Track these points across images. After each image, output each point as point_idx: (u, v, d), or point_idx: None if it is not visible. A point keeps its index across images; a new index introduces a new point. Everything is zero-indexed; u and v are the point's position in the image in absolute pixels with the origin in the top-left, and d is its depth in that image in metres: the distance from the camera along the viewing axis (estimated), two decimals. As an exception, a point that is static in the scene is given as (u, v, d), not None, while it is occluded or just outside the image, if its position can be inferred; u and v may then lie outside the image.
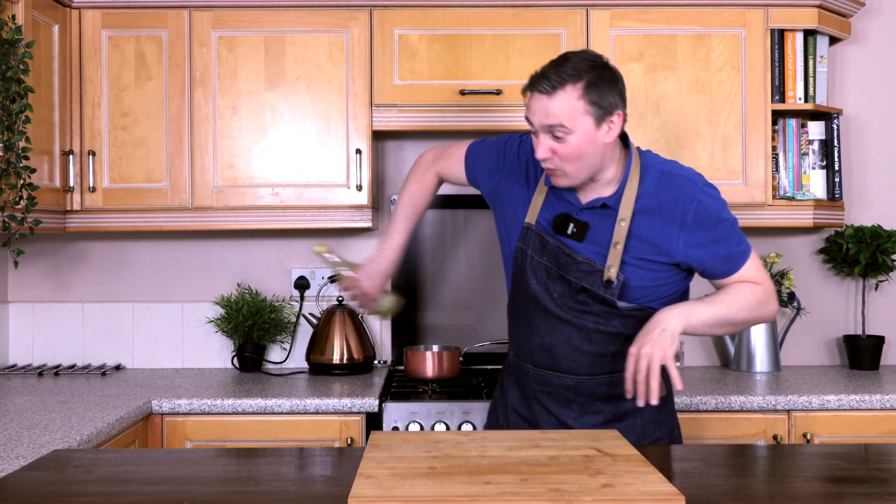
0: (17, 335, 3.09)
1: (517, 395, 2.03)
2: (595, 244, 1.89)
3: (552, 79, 1.79)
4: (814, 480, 1.48)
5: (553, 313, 1.92)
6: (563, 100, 1.78)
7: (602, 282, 1.86)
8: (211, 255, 3.11)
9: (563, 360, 1.93)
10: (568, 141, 1.80)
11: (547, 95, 1.79)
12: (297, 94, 2.76)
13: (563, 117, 1.78)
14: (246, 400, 2.47)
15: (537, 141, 1.83)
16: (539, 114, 1.80)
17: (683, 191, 1.88)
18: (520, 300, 1.98)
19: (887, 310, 3.14)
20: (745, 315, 1.87)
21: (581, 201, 1.91)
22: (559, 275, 1.90)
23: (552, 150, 1.81)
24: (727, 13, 2.78)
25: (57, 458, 1.62)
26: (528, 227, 1.95)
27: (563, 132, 1.79)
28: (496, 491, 1.26)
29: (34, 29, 2.52)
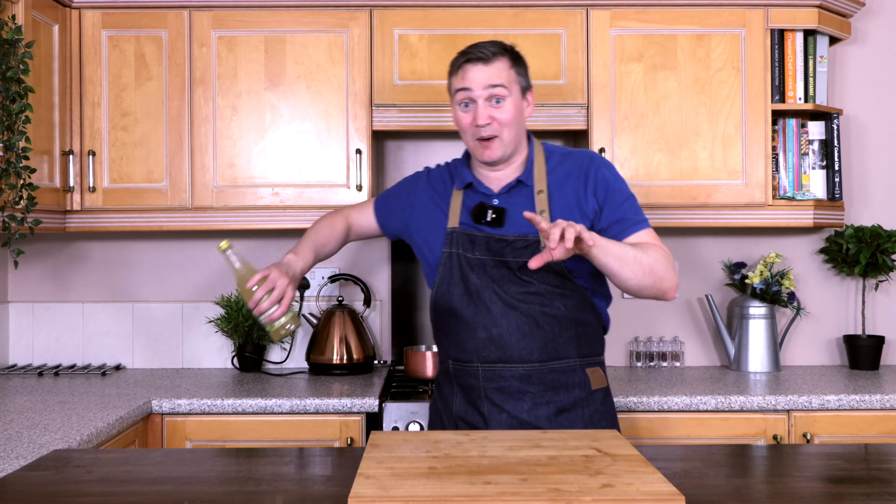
0: (17, 335, 3.09)
1: (462, 402, 2.02)
2: (519, 224, 1.96)
3: (486, 49, 1.96)
4: (814, 480, 1.48)
5: (499, 302, 1.95)
6: (499, 66, 1.96)
7: (540, 249, 1.91)
8: (211, 255, 3.11)
9: (515, 349, 1.95)
10: (505, 105, 1.95)
11: (485, 63, 1.94)
12: (297, 94, 2.76)
13: (503, 79, 1.95)
14: (246, 400, 2.47)
15: (472, 111, 1.95)
16: (479, 80, 1.94)
17: (584, 159, 2.04)
18: (455, 302, 1.99)
19: (887, 310, 3.14)
20: (651, 261, 1.87)
21: (494, 190, 2.02)
22: (497, 262, 1.96)
23: (491, 117, 1.94)
24: (727, 13, 2.78)
25: (57, 458, 1.62)
26: (453, 230, 2.02)
27: (503, 93, 1.95)
28: (496, 491, 1.26)
29: (34, 29, 2.52)
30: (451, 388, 2.05)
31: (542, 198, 1.98)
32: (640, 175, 2.77)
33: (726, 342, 2.97)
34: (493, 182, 2.03)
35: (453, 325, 2.01)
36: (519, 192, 2.01)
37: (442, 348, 2.08)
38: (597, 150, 2.76)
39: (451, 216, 2.03)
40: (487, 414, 1.97)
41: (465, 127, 1.99)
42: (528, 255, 1.92)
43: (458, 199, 2.04)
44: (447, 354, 2.06)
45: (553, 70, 2.76)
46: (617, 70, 2.77)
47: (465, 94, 1.96)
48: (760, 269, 2.92)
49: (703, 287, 3.12)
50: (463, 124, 1.99)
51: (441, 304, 2.02)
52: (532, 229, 1.94)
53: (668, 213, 2.78)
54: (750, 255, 3.11)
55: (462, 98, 1.97)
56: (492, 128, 1.95)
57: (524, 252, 1.94)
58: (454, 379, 2.03)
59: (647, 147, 2.77)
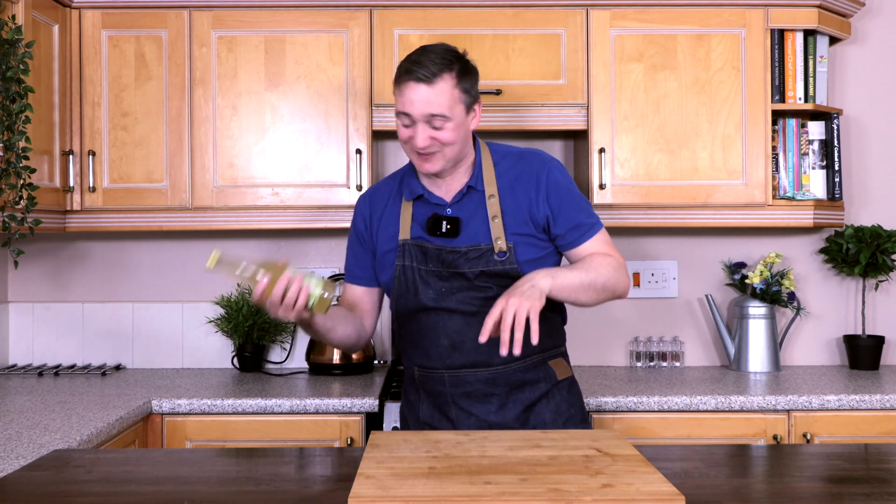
0: (17, 335, 3.09)
1: (429, 408, 2.01)
2: (472, 233, 1.95)
3: (430, 67, 1.84)
4: (814, 480, 1.48)
5: (458, 310, 1.94)
6: (442, 88, 1.85)
7: (495, 256, 1.92)
8: (211, 254, 3.10)
9: (478, 355, 1.94)
10: (446, 128, 1.87)
11: (427, 84, 1.84)
12: (297, 94, 2.76)
13: (444, 106, 1.85)
14: (246, 400, 2.47)
15: (411, 131, 1.88)
16: (420, 104, 1.85)
17: (534, 161, 1.99)
18: (415, 312, 1.97)
19: (887, 310, 3.14)
20: (604, 280, 1.90)
21: (446, 199, 1.98)
22: (451, 273, 1.93)
23: (432, 138, 1.87)
24: (727, 13, 2.78)
25: (57, 458, 1.62)
26: (404, 242, 1.97)
27: (442, 121, 1.86)
28: (496, 491, 1.26)
29: (34, 29, 2.52)
30: (417, 394, 2.04)
31: (493, 202, 1.95)
32: (640, 175, 2.77)
33: (726, 342, 2.97)
34: (444, 190, 1.99)
35: (415, 333, 1.99)
36: (471, 199, 1.97)
37: (406, 355, 2.06)
38: (597, 150, 2.76)
39: (402, 228, 1.99)
40: (455, 419, 1.97)
41: (403, 140, 1.92)
42: (482, 265, 1.92)
43: (409, 210, 2.00)
44: (411, 361, 2.03)
45: (553, 70, 2.76)
46: (617, 70, 2.77)
47: (407, 118, 1.88)
48: (760, 269, 2.92)
49: (703, 287, 3.12)
50: (401, 137, 1.92)
51: (402, 315, 2.00)
52: (485, 238, 1.93)
53: (668, 213, 2.78)
54: (750, 255, 3.11)
55: (405, 120, 1.89)
56: (433, 146, 1.89)
57: (478, 262, 1.92)
58: (420, 385, 2.02)
59: (647, 147, 2.77)
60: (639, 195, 2.77)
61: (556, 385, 2.02)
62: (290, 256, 3.11)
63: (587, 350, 3.08)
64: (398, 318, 2.03)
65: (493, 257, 1.92)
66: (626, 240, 3.10)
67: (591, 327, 3.07)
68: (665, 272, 3.11)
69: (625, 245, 3.10)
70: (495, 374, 1.96)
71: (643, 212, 2.78)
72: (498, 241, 1.93)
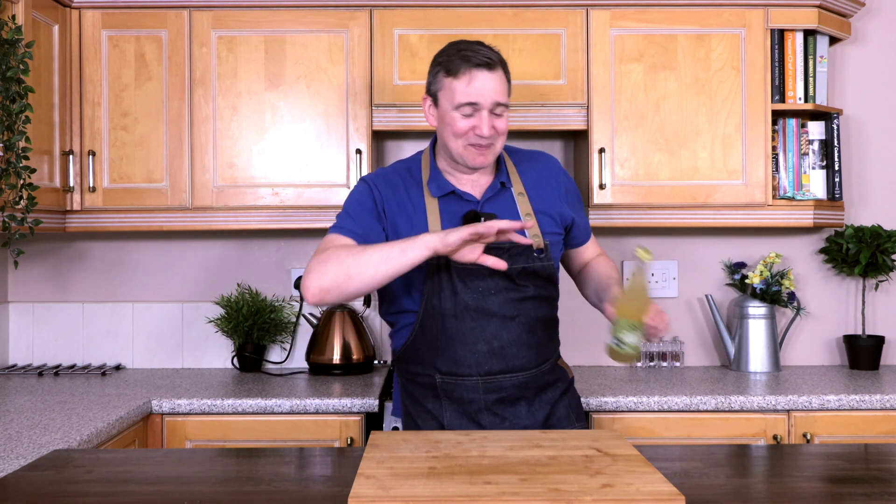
0: (17, 335, 3.09)
1: (455, 415, 1.94)
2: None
3: (489, 54, 1.88)
4: (814, 480, 1.48)
5: (497, 314, 1.91)
6: (501, 76, 1.90)
7: (534, 254, 1.93)
8: (211, 255, 3.11)
9: (516, 359, 1.93)
10: (503, 117, 1.91)
11: (491, 71, 1.87)
12: (297, 94, 2.76)
13: (505, 94, 1.91)
14: (246, 400, 2.47)
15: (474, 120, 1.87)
16: (489, 91, 1.86)
17: (551, 164, 2.07)
18: (451, 315, 1.90)
19: (887, 310, 3.14)
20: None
21: (476, 196, 1.96)
22: (491, 271, 1.87)
23: (493, 127, 1.89)
24: (727, 13, 2.78)
25: (57, 458, 1.62)
26: None
27: (502, 109, 1.90)
28: (496, 491, 1.26)
29: (34, 29, 2.52)
30: (438, 403, 1.95)
31: (523, 200, 1.97)
32: (640, 175, 2.77)
33: (726, 342, 2.97)
34: (470, 187, 1.97)
35: (444, 338, 1.92)
36: (500, 196, 1.97)
37: (420, 363, 1.97)
38: (597, 150, 2.76)
39: (430, 226, 1.91)
40: (489, 425, 1.92)
41: (461, 132, 1.89)
42: (523, 261, 1.92)
43: (434, 206, 1.94)
44: (432, 368, 1.94)
45: (553, 70, 2.76)
46: (617, 70, 2.77)
47: (470, 107, 1.87)
48: (760, 269, 2.92)
49: (703, 287, 3.12)
50: (458, 129, 1.89)
51: (432, 320, 1.92)
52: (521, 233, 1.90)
53: (668, 213, 2.78)
54: (750, 255, 3.11)
55: (467, 110, 1.87)
56: (493, 137, 1.90)
57: (519, 258, 1.92)
58: (443, 393, 1.95)
59: (647, 147, 2.77)
60: (639, 195, 2.77)
61: (569, 385, 2.07)
62: (290, 256, 3.11)
63: (587, 350, 3.08)
64: (423, 323, 1.93)
65: (532, 254, 1.93)
66: (626, 240, 3.10)
67: (591, 327, 3.07)
68: (665, 272, 3.11)
69: (625, 245, 3.10)
70: (527, 377, 1.95)
71: (643, 212, 2.78)
72: (535, 238, 1.93)
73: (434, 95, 1.95)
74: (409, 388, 2.02)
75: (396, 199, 1.97)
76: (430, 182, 1.97)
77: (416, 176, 2.01)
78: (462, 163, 1.94)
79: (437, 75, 1.93)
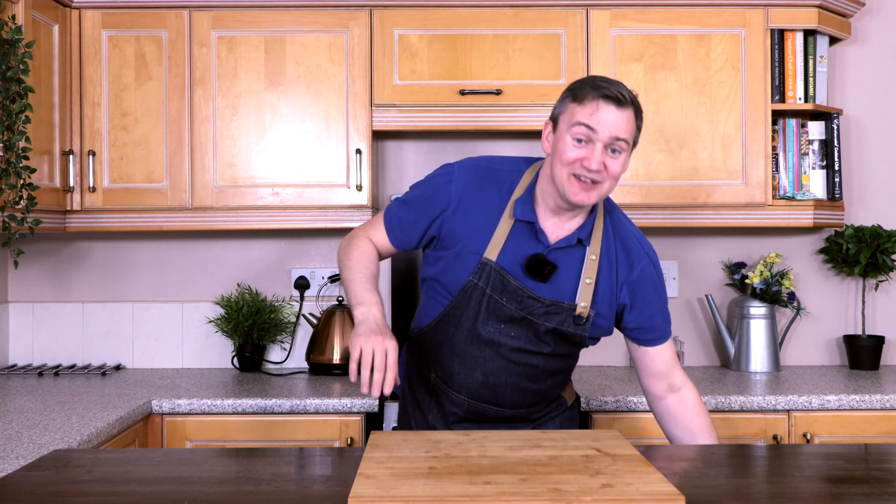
0: (17, 335, 3.09)
1: (438, 417, 1.95)
2: (558, 287, 1.85)
3: (623, 91, 1.76)
4: (814, 480, 1.48)
5: (505, 357, 1.87)
6: (629, 117, 1.77)
7: (573, 319, 1.84)
8: (211, 255, 3.11)
9: (506, 398, 1.91)
10: (621, 158, 1.78)
11: (619, 108, 1.75)
12: (297, 94, 2.76)
13: (629, 133, 1.77)
14: (246, 400, 2.47)
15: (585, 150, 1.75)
16: (610, 125, 1.74)
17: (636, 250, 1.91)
18: (462, 335, 1.87)
19: (887, 310, 3.14)
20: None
21: (550, 240, 1.85)
22: (522, 317, 1.84)
23: (604, 164, 1.76)
24: (727, 13, 2.78)
25: (57, 458, 1.62)
26: (486, 262, 1.83)
27: (621, 148, 1.77)
28: (496, 491, 1.26)
29: (34, 29, 2.52)
30: (429, 399, 1.96)
31: (592, 265, 1.85)
32: (640, 175, 2.77)
33: (726, 342, 2.97)
34: (552, 227, 1.86)
35: (448, 350, 1.89)
36: (573, 251, 1.85)
37: (422, 357, 1.95)
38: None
39: (492, 244, 1.83)
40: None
41: (569, 161, 1.76)
42: (557, 322, 1.83)
43: (507, 227, 1.83)
44: (430, 367, 1.94)
45: (553, 70, 2.76)
46: (617, 70, 2.77)
47: (587, 132, 1.75)
48: (760, 269, 2.92)
49: (703, 287, 3.12)
50: (567, 157, 1.76)
51: (445, 330, 1.88)
52: (567, 296, 1.83)
53: (668, 213, 2.78)
54: (750, 255, 3.11)
55: (581, 134, 1.75)
56: (600, 174, 1.76)
57: (554, 318, 1.84)
58: (433, 391, 1.95)
59: (647, 147, 2.77)
60: (639, 195, 2.77)
61: (567, 409, 2.04)
62: (290, 257, 3.11)
63: (587, 350, 3.07)
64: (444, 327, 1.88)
65: (570, 318, 1.84)
66: (626, 240, 3.10)
67: (591, 327, 3.07)
68: (665, 272, 3.11)
69: (625, 245, 3.10)
70: (515, 414, 1.94)
71: (643, 212, 2.78)
72: (582, 304, 1.84)
73: (555, 120, 1.83)
74: (411, 375, 2.03)
75: (478, 200, 1.87)
76: (518, 202, 1.85)
77: (511, 188, 1.88)
78: (562, 196, 1.79)
79: (564, 100, 1.82)
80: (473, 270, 1.83)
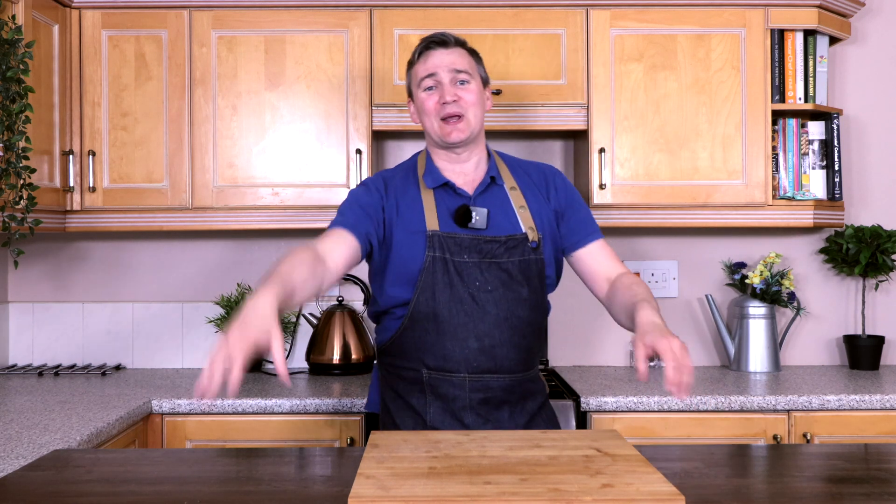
0: (17, 335, 3.09)
1: (439, 412, 1.93)
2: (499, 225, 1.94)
3: (448, 37, 1.98)
4: (814, 480, 1.48)
5: (494, 310, 1.90)
6: (461, 52, 1.98)
7: (529, 247, 1.93)
8: (211, 255, 3.11)
9: (504, 360, 1.92)
10: (470, 86, 1.95)
11: (446, 48, 1.96)
12: (297, 94, 2.76)
13: (466, 65, 1.96)
14: (246, 400, 2.47)
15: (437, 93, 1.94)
16: (444, 64, 1.94)
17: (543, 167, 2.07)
18: (442, 309, 1.89)
19: (887, 310, 3.14)
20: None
21: (468, 191, 1.97)
22: (489, 264, 1.91)
23: (457, 95, 1.93)
24: (727, 13, 2.78)
25: (57, 458, 1.62)
26: (433, 233, 1.90)
27: (467, 76, 1.95)
28: (496, 491, 1.26)
29: (34, 29, 2.52)
30: (423, 398, 1.94)
31: (516, 194, 1.98)
32: (640, 175, 2.77)
33: (726, 342, 2.97)
34: (463, 181, 1.99)
35: (435, 333, 1.91)
36: (492, 192, 1.98)
37: (407, 357, 1.95)
38: (597, 150, 2.76)
39: (427, 217, 1.92)
40: (472, 425, 1.91)
41: (430, 109, 1.95)
42: (519, 254, 1.92)
43: (430, 199, 1.95)
44: (418, 363, 1.93)
45: (553, 70, 2.76)
46: (617, 70, 2.77)
47: (431, 80, 1.95)
48: (760, 269, 2.92)
49: (703, 287, 3.12)
50: (427, 107, 1.96)
51: (424, 312, 1.90)
52: (517, 229, 1.94)
53: (668, 213, 2.78)
54: (750, 255, 3.11)
55: (428, 83, 1.95)
56: (458, 105, 1.93)
57: (515, 251, 1.92)
58: (429, 388, 1.93)
59: (647, 147, 2.77)
60: (639, 195, 2.77)
61: (547, 398, 2.05)
62: (290, 256, 3.11)
63: (587, 350, 3.08)
64: (414, 315, 1.91)
65: (527, 248, 1.93)
66: (626, 240, 3.10)
67: (591, 327, 3.07)
68: (665, 272, 3.11)
69: (625, 245, 3.10)
70: (513, 381, 1.93)
71: (643, 212, 2.78)
72: (529, 228, 1.94)
73: (410, 92, 2.03)
74: (393, 382, 2.00)
75: (397, 193, 1.98)
76: (426, 175, 1.99)
77: (415, 172, 2.03)
78: (440, 142, 1.96)
79: (407, 73, 2.04)
80: (426, 245, 1.90)
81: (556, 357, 3.09)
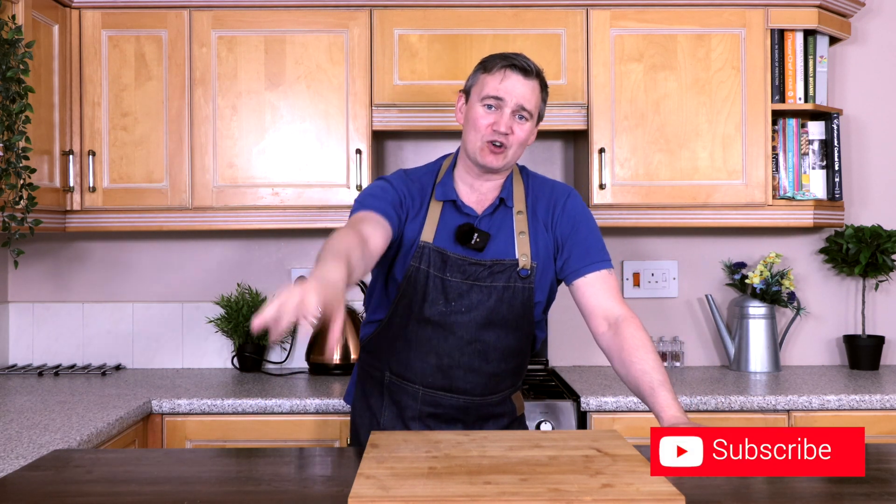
0: (17, 335, 3.09)
1: (392, 418, 1.95)
2: (497, 249, 1.90)
3: (529, 64, 1.90)
4: (814, 480, 1.48)
5: (459, 332, 1.88)
6: (535, 87, 1.90)
7: (517, 274, 1.89)
8: (211, 255, 3.11)
9: (460, 382, 1.91)
10: (526, 126, 1.89)
11: (525, 77, 1.88)
12: (297, 94, 2.76)
13: (533, 104, 1.89)
14: (246, 400, 2.47)
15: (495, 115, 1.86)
16: (516, 94, 1.87)
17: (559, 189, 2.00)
18: (413, 321, 1.89)
19: (887, 310, 3.14)
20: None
21: (477, 211, 1.93)
22: (470, 286, 1.88)
23: (511, 128, 1.87)
24: (727, 13, 2.78)
25: (57, 458, 1.62)
26: (424, 245, 1.88)
27: (528, 115, 1.89)
28: (496, 491, 1.26)
29: (34, 29, 2.52)
30: (380, 400, 1.97)
31: (521, 219, 1.93)
32: (640, 175, 2.77)
33: (726, 342, 2.97)
34: (474, 201, 1.94)
35: (401, 340, 1.92)
36: (500, 214, 1.94)
37: (377, 357, 1.98)
38: (597, 150, 2.76)
39: (426, 228, 1.90)
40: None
41: (482, 126, 1.87)
42: (503, 280, 1.88)
43: (436, 212, 1.92)
44: (384, 365, 1.96)
45: (553, 70, 2.76)
46: (617, 70, 2.77)
47: (495, 101, 1.87)
48: (760, 269, 2.92)
49: (703, 287, 3.12)
50: (480, 124, 1.87)
51: (397, 321, 1.92)
52: (509, 254, 1.89)
53: (668, 213, 2.78)
54: (750, 255, 3.11)
55: (491, 102, 1.87)
56: (507, 138, 1.87)
57: (500, 276, 1.88)
58: (387, 392, 1.96)
59: (647, 147, 2.77)
60: (639, 195, 2.77)
61: (516, 420, 2.01)
62: (290, 256, 3.11)
63: (587, 350, 3.08)
64: (390, 320, 1.92)
65: (514, 274, 1.89)
66: (626, 240, 3.10)
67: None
68: (665, 272, 3.11)
69: (625, 245, 3.10)
70: (469, 403, 1.92)
71: (643, 212, 2.78)
72: (523, 256, 1.90)
73: (467, 92, 1.95)
74: (364, 379, 2.03)
75: (412, 195, 1.94)
76: (439, 185, 1.94)
77: (433, 178, 1.98)
78: (475, 160, 1.89)
79: (475, 73, 1.94)
80: (413, 256, 1.89)
81: (556, 357, 3.09)
